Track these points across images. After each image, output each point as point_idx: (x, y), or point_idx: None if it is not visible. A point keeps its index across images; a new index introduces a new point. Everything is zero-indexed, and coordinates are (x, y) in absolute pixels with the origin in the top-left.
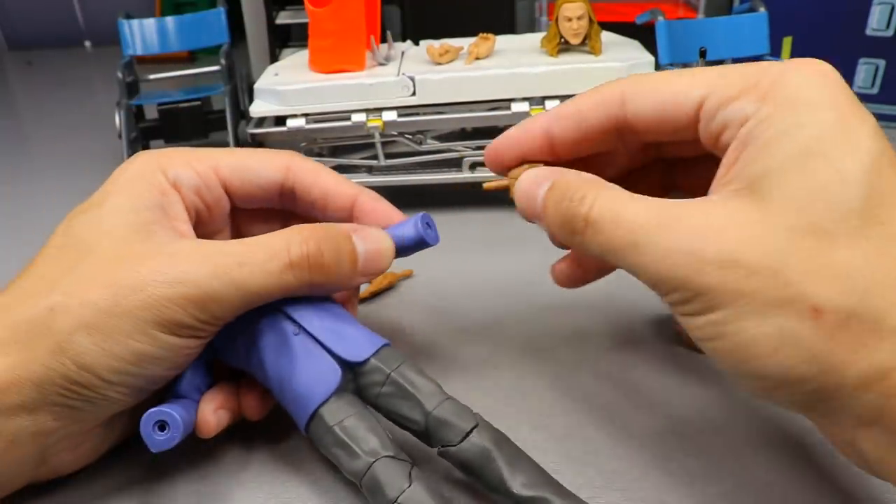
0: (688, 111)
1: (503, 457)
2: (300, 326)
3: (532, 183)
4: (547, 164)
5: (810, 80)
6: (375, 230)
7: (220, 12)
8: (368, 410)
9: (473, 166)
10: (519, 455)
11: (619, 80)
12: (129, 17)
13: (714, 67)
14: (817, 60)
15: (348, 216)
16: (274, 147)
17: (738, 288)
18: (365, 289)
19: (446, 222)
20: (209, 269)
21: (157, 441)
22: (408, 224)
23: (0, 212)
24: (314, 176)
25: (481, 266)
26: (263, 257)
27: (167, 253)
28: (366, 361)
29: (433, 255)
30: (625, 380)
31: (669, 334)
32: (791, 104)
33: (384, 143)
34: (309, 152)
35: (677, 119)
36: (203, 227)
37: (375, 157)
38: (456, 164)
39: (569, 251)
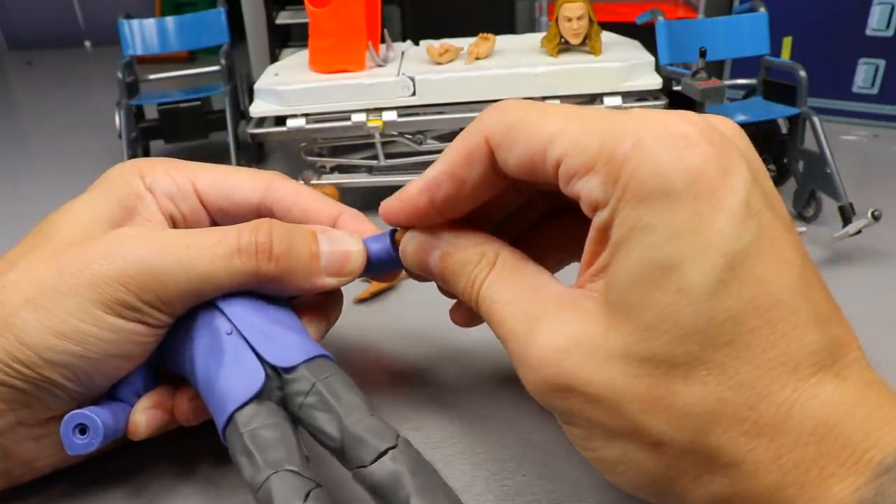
0: (548, 169)
1: (415, 484)
2: (233, 325)
3: (421, 249)
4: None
5: (666, 154)
6: (346, 233)
7: (220, 12)
8: (289, 423)
9: None
10: (434, 486)
11: (481, 123)
12: (129, 17)
13: (581, 115)
14: (680, 118)
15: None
16: (273, 147)
17: (582, 415)
18: (365, 289)
19: None
20: (155, 249)
21: (75, 444)
22: (384, 238)
23: (0, 211)
24: (294, 197)
25: None
26: (212, 241)
27: (117, 236)
28: (294, 368)
29: None
30: None
31: None
32: (640, 197)
33: (384, 143)
34: (309, 152)
35: (544, 173)
36: None
37: (375, 157)
38: None
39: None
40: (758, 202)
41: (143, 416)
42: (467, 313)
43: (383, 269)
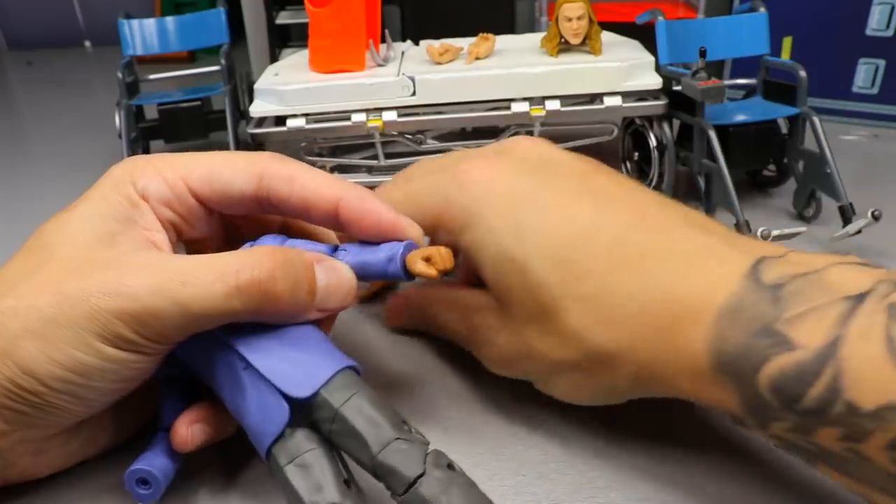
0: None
1: None
2: (246, 361)
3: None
4: None
5: (473, 198)
6: (344, 267)
7: (220, 12)
8: (326, 446)
9: None
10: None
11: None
12: (129, 17)
13: (418, 189)
14: (486, 155)
15: (334, 222)
16: (274, 147)
17: (524, 370)
18: (366, 289)
19: None
20: (152, 285)
21: (141, 495)
22: (382, 251)
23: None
24: (290, 184)
25: None
26: (210, 278)
27: (118, 264)
28: (314, 395)
29: None
30: None
31: None
32: (468, 228)
33: (384, 143)
34: (309, 152)
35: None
36: (186, 235)
37: (375, 157)
38: None
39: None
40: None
41: (189, 430)
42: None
43: (389, 279)
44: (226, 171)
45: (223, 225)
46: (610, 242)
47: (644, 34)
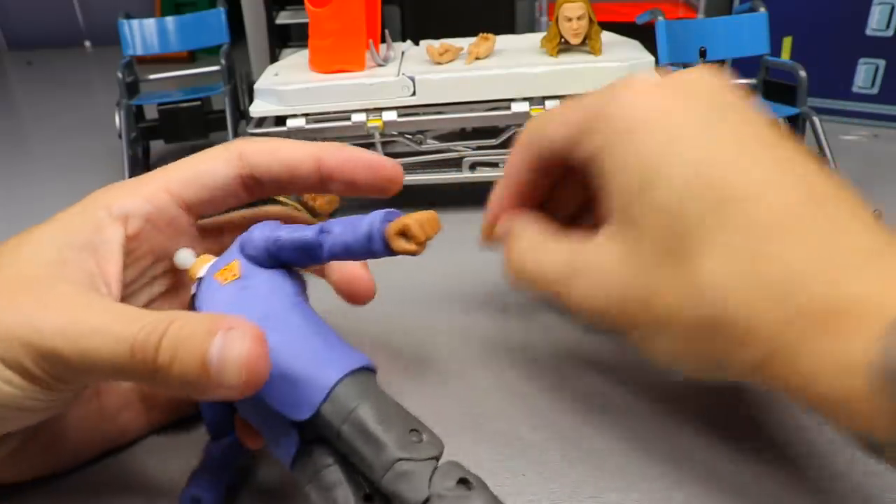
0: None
1: None
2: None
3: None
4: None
5: (634, 106)
6: (249, 326)
7: (220, 12)
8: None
9: (473, 166)
10: None
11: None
12: (129, 17)
13: (571, 105)
14: (643, 79)
15: (318, 182)
16: None
17: (631, 318)
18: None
19: (446, 222)
20: (62, 324)
21: None
22: (363, 225)
23: None
24: (270, 154)
25: (480, 266)
26: (115, 334)
27: (43, 294)
28: (316, 415)
29: (433, 255)
30: (625, 380)
31: None
32: (620, 137)
33: (384, 143)
34: None
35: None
36: (165, 252)
37: None
38: (456, 164)
39: None
40: (704, 129)
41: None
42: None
43: (378, 257)
44: (204, 163)
45: (215, 241)
46: (778, 205)
47: (644, 34)
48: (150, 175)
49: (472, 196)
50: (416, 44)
